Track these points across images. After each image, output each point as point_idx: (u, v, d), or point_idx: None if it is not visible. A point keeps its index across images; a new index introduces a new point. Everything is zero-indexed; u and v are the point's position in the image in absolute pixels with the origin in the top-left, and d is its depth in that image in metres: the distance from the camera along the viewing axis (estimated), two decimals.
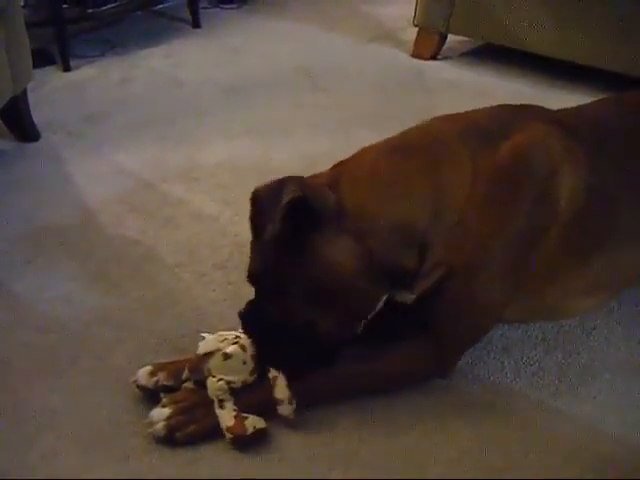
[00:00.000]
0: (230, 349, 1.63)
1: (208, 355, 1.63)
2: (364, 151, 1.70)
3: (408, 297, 1.66)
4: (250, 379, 1.62)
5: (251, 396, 1.62)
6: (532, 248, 1.71)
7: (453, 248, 1.62)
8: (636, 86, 2.78)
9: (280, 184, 1.51)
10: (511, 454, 1.59)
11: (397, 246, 1.58)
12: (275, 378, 1.60)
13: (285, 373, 1.62)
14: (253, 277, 1.65)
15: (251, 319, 1.66)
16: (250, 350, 1.63)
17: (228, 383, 1.59)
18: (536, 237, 1.71)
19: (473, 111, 1.81)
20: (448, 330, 1.71)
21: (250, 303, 1.67)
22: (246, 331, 1.66)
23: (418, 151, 1.66)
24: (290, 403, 1.59)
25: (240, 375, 1.61)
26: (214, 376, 1.60)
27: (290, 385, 1.60)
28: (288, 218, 1.48)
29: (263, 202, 1.55)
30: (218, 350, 1.63)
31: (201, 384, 1.63)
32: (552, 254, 1.74)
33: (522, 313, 1.86)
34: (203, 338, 1.70)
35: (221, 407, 1.58)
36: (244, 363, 1.62)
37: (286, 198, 1.47)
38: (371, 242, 1.55)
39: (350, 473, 1.54)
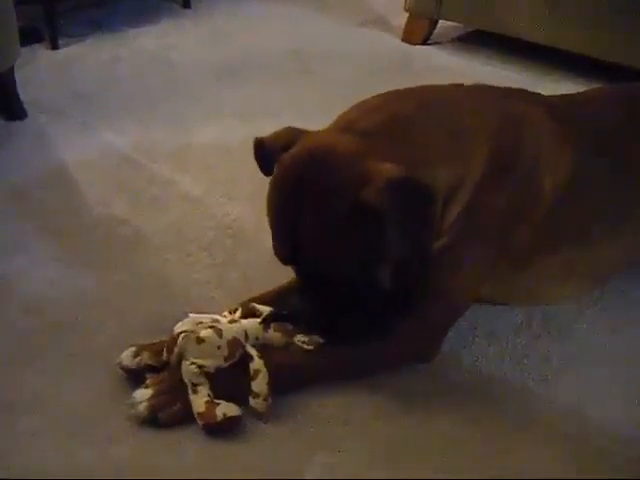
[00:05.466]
0: (204, 333, 1.60)
1: (182, 336, 1.61)
2: (401, 112, 1.66)
3: None
4: (224, 364, 1.60)
5: (229, 381, 1.61)
6: (513, 230, 1.74)
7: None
8: (629, 76, 2.79)
9: (419, 190, 1.49)
10: (494, 439, 1.60)
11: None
12: (257, 372, 1.59)
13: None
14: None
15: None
16: (227, 336, 1.61)
17: (200, 367, 1.58)
18: (517, 219, 1.74)
19: (461, 87, 1.84)
20: (428, 310, 1.72)
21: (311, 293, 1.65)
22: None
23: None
24: (265, 400, 1.58)
25: (213, 360, 1.59)
26: (188, 359, 1.59)
27: (273, 380, 1.59)
28: None
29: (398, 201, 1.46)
30: (193, 332, 1.61)
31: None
32: (532, 236, 1.76)
33: (502, 294, 1.88)
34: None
35: (194, 392, 1.56)
36: (218, 348, 1.59)
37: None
38: None
39: (334, 457, 1.54)
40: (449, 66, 3.40)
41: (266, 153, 1.68)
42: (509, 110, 1.75)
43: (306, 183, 1.52)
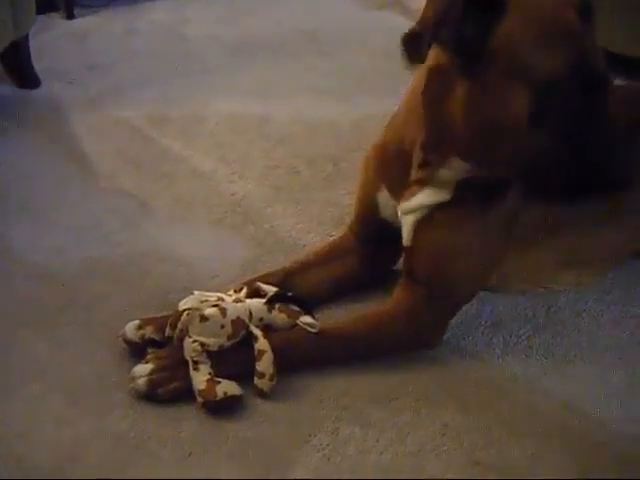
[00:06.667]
0: (208, 311, 1.60)
1: (186, 312, 1.61)
2: None
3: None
4: (227, 344, 1.60)
5: (231, 360, 1.61)
6: (521, 215, 1.73)
7: None
8: None
9: None
10: (493, 430, 1.59)
11: None
12: (262, 352, 1.59)
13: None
14: None
15: None
16: (232, 315, 1.61)
17: (203, 345, 1.57)
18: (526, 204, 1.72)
19: None
20: (436, 293, 1.71)
21: None
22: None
23: None
24: (270, 380, 1.58)
25: (216, 338, 1.59)
26: (191, 337, 1.59)
27: (276, 359, 1.59)
28: None
29: None
30: (197, 309, 1.61)
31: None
32: (536, 221, 1.75)
33: (501, 279, 1.86)
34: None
35: (195, 369, 1.56)
36: (222, 327, 1.59)
37: None
38: None
39: (331, 439, 1.54)
40: None
41: None
42: None
43: None
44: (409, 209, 1.72)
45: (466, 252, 1.70)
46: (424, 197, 1.68)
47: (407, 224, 1.73)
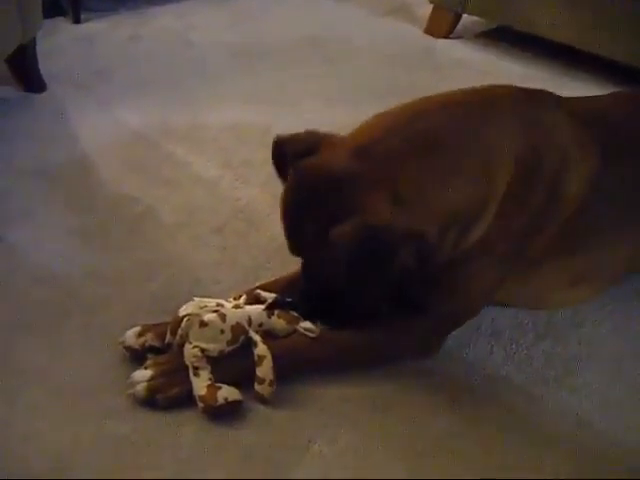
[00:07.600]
0: (208, 317, 1.61)
1: (186, 318, 1.62)
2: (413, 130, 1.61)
3: None
4: (227, 349, 1.61)
5: (231, 366, 1.62)
6: (532, 237, 1.72)
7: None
8: None
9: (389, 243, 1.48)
10: (491, 439, 1.60)
11: (447, 231, 1.59)
12: (262, 357, 1.60)
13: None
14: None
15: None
16: (231, 321, 1.62)
17: (203, 351, 1.58)
18: (538, 230, 1.72)
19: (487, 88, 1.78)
20: (441, 310, 1.72)
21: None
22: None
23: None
24: (270, 385, 1.59)
25: (216, 344, 1.60)
26: (191, 342, 1.60)
27: (275, 365, 1.60)
28: None
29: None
30: (197, 315, 1.62)
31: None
32: (547, 243, 1.75)
33: (509, 297, 1.87)
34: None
35: (196, 375, 1.57)
36: (222, 332, 1.60)
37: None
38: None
39: (331, 446, 1.55)
40: (470, 60, 3.38)
41: (283, 155, 1.69)
42: (531, 118, 1.70)
43: (309, 201, 1.56)
44: None
45: (475, 275, 1.71)
46: None
47: None
